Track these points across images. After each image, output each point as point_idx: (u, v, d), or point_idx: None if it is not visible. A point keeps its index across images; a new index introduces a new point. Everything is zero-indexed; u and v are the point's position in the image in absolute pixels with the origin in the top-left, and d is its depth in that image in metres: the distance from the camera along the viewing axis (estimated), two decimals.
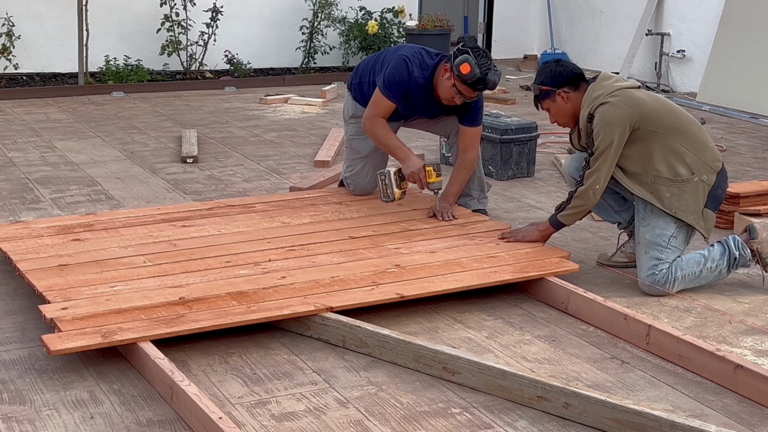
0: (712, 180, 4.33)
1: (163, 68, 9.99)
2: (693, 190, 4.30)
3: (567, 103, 4.43)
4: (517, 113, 7.79)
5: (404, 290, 4.03)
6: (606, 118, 4.26)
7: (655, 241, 4.31)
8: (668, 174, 4.28)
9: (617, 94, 4.30)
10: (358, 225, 4.86)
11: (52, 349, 3.39)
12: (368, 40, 10.48)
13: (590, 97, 4.35)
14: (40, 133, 7.51)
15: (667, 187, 4.29)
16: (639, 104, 4.30)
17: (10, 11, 9.31)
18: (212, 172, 6.43)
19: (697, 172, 4.30)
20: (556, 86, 4.44)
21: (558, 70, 4.47)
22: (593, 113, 4.31)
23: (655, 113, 4.31)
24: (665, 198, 4.29)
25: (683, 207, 4.29)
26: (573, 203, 4.41)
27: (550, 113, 4.53)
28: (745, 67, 9.01)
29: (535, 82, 4.55)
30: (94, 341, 3.46)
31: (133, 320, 3.63)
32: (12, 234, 4.60)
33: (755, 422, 3.25)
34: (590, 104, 4.33)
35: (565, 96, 4.43)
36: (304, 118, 8.38)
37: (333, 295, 3.94)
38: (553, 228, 4.53)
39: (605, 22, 11.04)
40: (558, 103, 4.46)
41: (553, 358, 3.71)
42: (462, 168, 5.07)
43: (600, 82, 4.38)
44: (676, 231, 4.32)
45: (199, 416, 3.04)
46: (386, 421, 3.19)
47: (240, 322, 3.71)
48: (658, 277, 4.28)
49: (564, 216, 4.46)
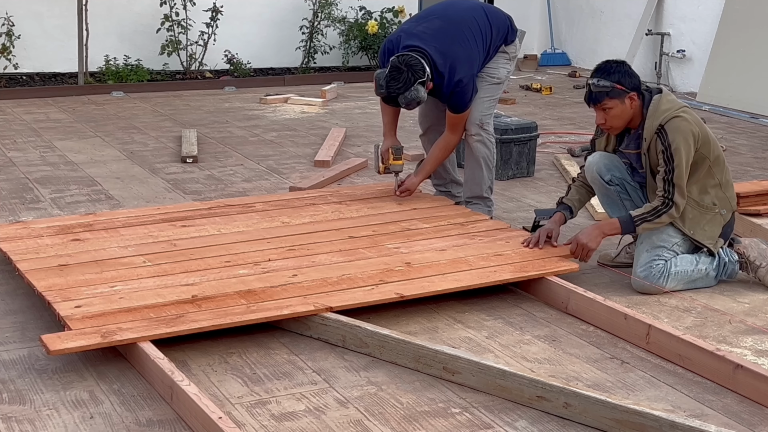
0: (728, 217, 4.41)
1: (163, 68, 9.99)
2: (713, 219, 4.37)
3: (632, 108, 4.32)
4: (517, 113, 7.79)
5: (404, 290, 4.03)
6: (684, 131, 4.22)
7: (659, 244, 4.34)
8: (697, 197, 4.33)
9: (686, 111, 4.30)
10: (358, 225, 4.86)
11: (52, 349, 3.39)
12: (368, 40, 10.48)
13: (659, 109, 4.27)
14: (39, 133, 7.51)
15: (692, 208, 4.33)
16: (701, 125, 4.33)
17: (10, 11, 9.31)
18: (212, 172, 6.43)
19: (719, 204, 4.36)
20: (631, 88, 4.32)
21: (632, 72, 4.37)
22: (663, 125, 4.24)
23: (708, 137, 4.34)
24: (688, 219, 4.33)
25: (700, 231, 4.35)
26: (661, 218, 4.28)
27: (608, 114, 4.34)
28: (745, 67, 9.01)
29: (604, 77, 4.33)
30: (93, 341, 3.46)
31: (143, 319, 3.63)
32: (12, 234, 4.60)
33: (755, 422, 3.25)
34: (660, 116, 4.26)
35: (635, 100, 4.32)
36: (304, 118, 8.38)
37: (333, 295, 3.94)
38: (622, 229, 4.35)
39: (605, 22, 11.03)
40: (625, 106, 4.32)
41: (553, 358, 3.71)
42: (436, 146, 5.23)
43: (666, 96, 4.33)
44: (681, 241, 4.36)
45: (199, 416, 3.04)
46: (386, 421, 3.19)
47: (239, 322, 3.71)
48: (654, 271, 4.30)
49: (643, 227, 4.30)
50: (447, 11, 5.12)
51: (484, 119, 5.16)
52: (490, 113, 5.22)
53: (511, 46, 5.24)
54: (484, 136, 5.16)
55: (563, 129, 8.03)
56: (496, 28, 5.12)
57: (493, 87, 5.18)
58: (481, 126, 5.14)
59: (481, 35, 5.05)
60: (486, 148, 5.18)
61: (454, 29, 5.01)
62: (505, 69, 5.23)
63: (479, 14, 5.11)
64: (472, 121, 5.13)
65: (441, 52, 4.92)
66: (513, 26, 5.24)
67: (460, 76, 4.94)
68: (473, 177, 5.24)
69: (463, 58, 4.97)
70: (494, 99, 5.22)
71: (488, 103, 5.17)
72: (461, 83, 4.95)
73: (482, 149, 5.17)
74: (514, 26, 5.25)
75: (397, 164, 5.25)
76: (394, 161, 5.25)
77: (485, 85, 5.13)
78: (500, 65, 5.20)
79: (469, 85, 4.99)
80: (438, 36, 4.97)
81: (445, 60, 4.92)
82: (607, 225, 4.43)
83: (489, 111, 5.19)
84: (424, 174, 5.29)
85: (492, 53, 5.14)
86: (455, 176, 5.52)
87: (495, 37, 5.11)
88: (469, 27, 5.03)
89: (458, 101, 5.02)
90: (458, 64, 4.94)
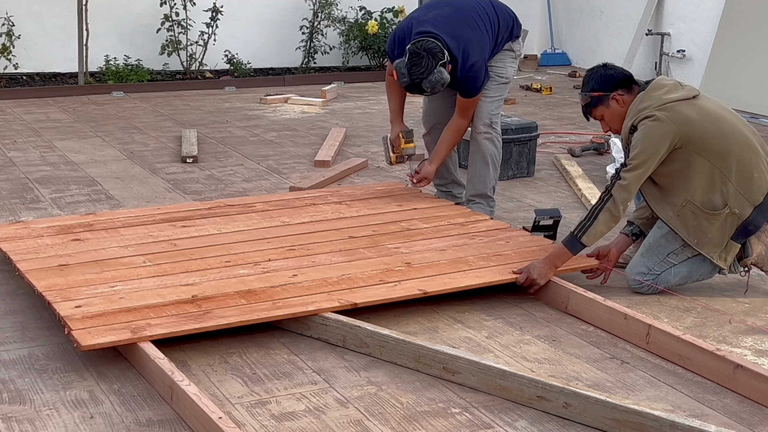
0: (745, 214, 4.15)
1: (163, 68, 9.99)
2: (721, 224, 4.16)
3: (623, 106, 4.23)
4: (517, 113, 7.78)
5: (427, 286, 4.05)
6: (648, 133, 4.06)
7: (655, 248, 4.29)
8: (701, 202, 4.13)
9: (666, 108, 4.08)
10: (358, 225, 4.86)
11: (83, 345, 3.41)
12: (368, 40, 10.48)
13: (636, 108, 4.15)
14: (40, 132, 7.51)
15: (695, 215, 4.15)
16: (686, 123, 4.08)
17: (10, 11, 9.31)
18: (212, 172, 6.43)
19: (731, 204, 4.13)
20: (609, 90, 4.25)
21: (608, 73, 4.29)
22: (636, 125, 4.12)
23: (703, 134, 4.10)
24: (690, 226, 4.17)
25: (705, 240, 4.17)
26: (600, 218, 4.10)
27: (604, 121, 4.31)
28: (745, 67, 9.01)
29: (583, 90, 4.33)
30: (123, 337, 3.49)
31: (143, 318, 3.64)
32: (12, 234, 4.60)
33: (755, 422, 3.25)
34: (635, 115, 4.13)
35: (620, 99, 4.23)
36: (304, 118, 8.38)
37: (357, 291, 3.97)
38: (570, 252, 4.17)
39: (605, 22, 11.03)
40: (613, 108, 4.26)
41: (553, 358, 3.71)
42: (448, 129, 5.22)
43: (650, 91, 4.16)
44: (679, 249, 4.25)
45: (199, 416, 3.04)
46: (386, 421, 3.19)
47: (267, 318, 3.73)
48: (644, 283, 4.28)
49: (588, 236, 4.12)
50: (454, 0, 5.17)
51: (493, 118, 5.19)
52: (498, 112, 5.25)
53: (516, 43, 5.26)
54: (493, 134, 5.19)
55: (563, 129, 8.03)
56: (502, 18, 5.16)
57: (501, 86, 5.21)
58: (490, 124, 5.17)
59: (490, 22, 5.10)
60: (494, 146, 5.21)
61: (464, 15, 5.05)
62: (512, 68, 5.27)
63: (486, 3, 5.17)
64: (481, 119, 5.15)
65: (453, 37, 4.95)
66: (517, 20, 5.27)
67: (473, 60, 4.98)
68: (479, 174, 5.24)
69: (476, 42, 5.01)
70: (502, 98, 5.26)
71: (497, 102, 5.21)
72: (474, 67, 4.98)
73: (490, 147, 5.19)
74: (519, 21, 5.27)
75: (409, 147, 5.24)
76: (405, 144, 5.23)
77: (493, 85, 5.15)
78: (507, 64, 5.23)
79: (482, 70, 5.02)
80: (449, 21, 5.01)
81: (459, 44, 4.95)
82: (554, 255, 4.21)
83: (497, 110, 5.22)
84: (439, 159, 5.26)
85: (500, 43, 5.17)
86: (456, 177, 5.53)
87: (501, 27, 5.15)
88: (478, 14, 5.09)
89: (471, 85, 5.05)
90: (471, 49, 4.98)
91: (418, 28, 5.00)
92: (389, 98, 5.40)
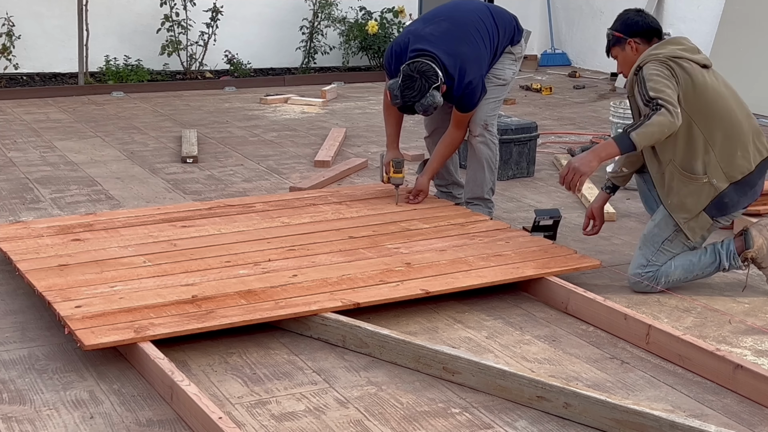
0: (721, 187, 4.18)
1: (163, 68, 10.00)
2: (697, 190, 4.20)
3: (635, 54, 4.34)
4: (517, 113, 7.79)
5: (429, 286, 4.05)
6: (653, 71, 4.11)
7: (650, 238, 4.31)
8: (681, 164, 4.18)
9: (677, 61, 4.16)
10: (358, 225, 4.86)
11: (87, 344, 3.41)
12: (368, 40, 10.48)
13: (648, 52, 4.24)
14: (40, 133, 7.52)
15: (673, 176, 4.21)
16: (688, 81, 4.15)
17: (10, 11, 9.32)
18: (212, 172, 6.43)
19: (710, 173, 4.17)
20: (628, 34, 4.36)
21: (635, 19, 4.40)
22: (642, 66, 4.18)
23: (700, 98, 4.16)
24: (667, 186, 4.22)
25: (678, 203, 4.22)
26: (654, 119, 4.00)
27: (618, 62, 4.45)
28: (745, 67, 9.01)
29: (611, 27, 4.46)
30: (126, 336, 3.49)
31: (144, 318, 3.64)
32: (12, 234, 4.60)
33: (755, 422, 3.25)
34: (644, 58, 4.21)
35: (635, 46, 4.35)
36: (304, 118, 8.38)
37: (359, 291, 3.97)
38: (618, 147, 4.07)
39: (605, 22, 10.95)
40: (626, 53, 4.38)
41: (553, 358, 3.71)
42: (442, 143, 5.22)
43: (666, 43, 4.27)
44: (673, 235, 4.28)
45: (199, 416, 3.04)
46: (386, 421, 3.19)
47: (270, 318, 3.74)
48: (644, 278, 4.29)
49: (639, 134, 4.02)
50: (453, 13, 5.11)
51: (489, 120, 5.15)
52: (495, 114, 5.21)
53: (517, 46, 5.23)
54: (487, 137, 5.16)
55: (563, 129, 8.04)
56: (502, 28, 5.12)
57: (499, 88, 5.18)
58: (485, 127, 5.14)
59: (489, 36, 5.05)
60: (489, 149, 5.18)
61: (461, 31, 5.00)
62: (511, 70, 5.23)
63: (485, 15, 5.11)
64: (476, 122, 5.13)
65: (450, 55, 4.91)
66: (519, 26, 5.24)
67: (470, 77, 4.94)
68: (475, 178, 5.23)
69: (472, 59, 4.97)
70: (499, 100, 5.22)
71: (493, 104, 5.17)
72: (471, 85, 4.95)
73: (485, 151, 5.17)
74: (520, 26, 5.25)
75: (397, 177, 5.28)
76: (394, 174, 5.28)
77: (491, 87, 5.13)
78: (506, 66, 5.20)
79: (479, 86, 5.00)
80: (446, 38, 4.96)
81: (455, 62, 4.91)
82: (600, 147, 4.15)
83: (493, 112, 5.19)
84: (431, 172, 5.28)
85: (499, 53, 5.15)
86: (457, 178, 5.52)
87: (501, 37, 5.11)
88: (476, 28, 5.03)
89: (467, 102, 5.03)
90: (468, 66, 4.94)
91: (415, 45, 4.96)
92: (386, 122, 5.37)
